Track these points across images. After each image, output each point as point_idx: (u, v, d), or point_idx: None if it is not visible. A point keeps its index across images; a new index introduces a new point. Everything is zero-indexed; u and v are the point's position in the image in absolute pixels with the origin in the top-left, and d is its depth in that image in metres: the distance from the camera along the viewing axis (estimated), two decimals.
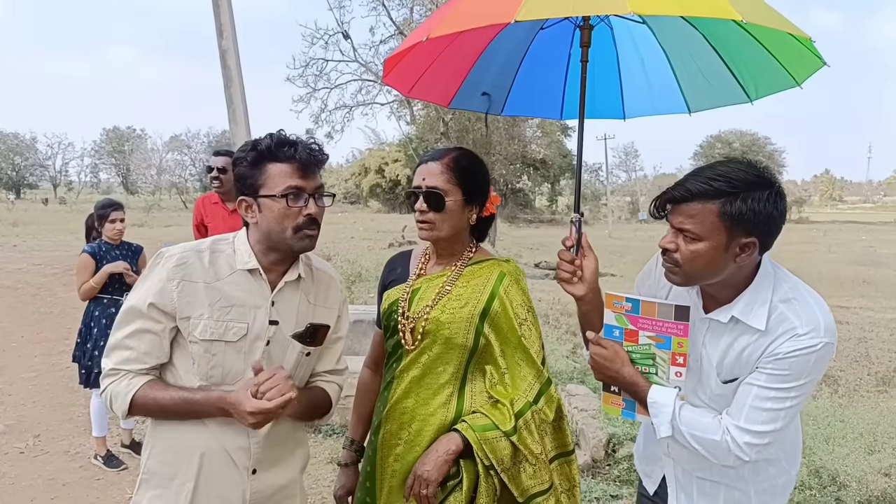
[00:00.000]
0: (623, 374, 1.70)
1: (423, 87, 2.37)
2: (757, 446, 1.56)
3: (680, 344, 1.64)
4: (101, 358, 4.15)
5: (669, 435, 1.63)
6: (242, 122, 7.70)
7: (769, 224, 1.53)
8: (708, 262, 1.55)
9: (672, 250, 1.59)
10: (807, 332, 1.52)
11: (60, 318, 8.84)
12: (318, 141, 1.68)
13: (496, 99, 2.49)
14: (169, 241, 11.01)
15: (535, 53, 2.38)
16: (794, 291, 1.60)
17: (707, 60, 2.10)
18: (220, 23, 7.45)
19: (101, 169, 69.25)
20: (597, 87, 2.39)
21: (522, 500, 1.84)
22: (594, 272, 1.85)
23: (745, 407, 1.57)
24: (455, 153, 1.93)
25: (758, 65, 2.01)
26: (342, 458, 2.13)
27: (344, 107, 24.21)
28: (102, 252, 4.35)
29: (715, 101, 2.25)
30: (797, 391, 1.55)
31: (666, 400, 1.64)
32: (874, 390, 6.38)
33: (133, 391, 1.63)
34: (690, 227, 1.54)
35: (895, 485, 3.38)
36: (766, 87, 2.10)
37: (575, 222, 1.91)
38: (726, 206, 1.50)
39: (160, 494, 1.70)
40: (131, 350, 1.65)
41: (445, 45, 2.26)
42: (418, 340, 1.89)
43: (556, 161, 38.24)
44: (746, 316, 1.59)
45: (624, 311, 1.71)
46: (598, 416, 4.69)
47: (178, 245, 1.72)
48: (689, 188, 1.54)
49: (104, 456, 4.36)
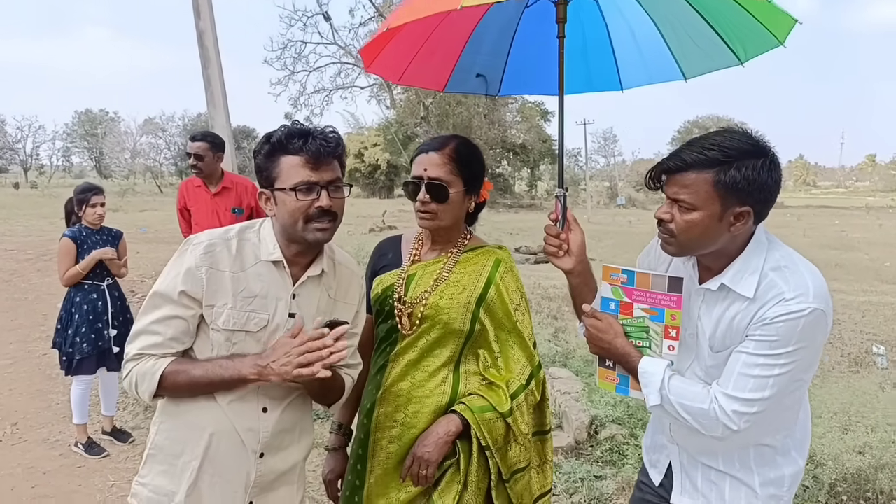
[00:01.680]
0: (616, 345, 1.71)
1: (413, 73, 2.37)
2: (745, 415, 1.55)
3: (673, 316, 1.66)
4: (82, 345, 4.19)
5: (658, 404, 1.64)
6: (221, 103, 7.58)
7: (763, 193, 1.53)
8: (702, 232, 1.56)
9: (667, 220, 1.60)
10: (794, 297, 1.51)
11: (35, 304, 8.68)
12: (335, 130, 1.66)
13: (492, 80, 2.49)
14: (145, 225, 10.88)
15: (525, 31, 2.38)
16: (787, 260, 1.60)
17: (694, 25, 2.12)
18: (198, 3, 7.32)
19: (73, 152, 67.78)
20: (591, 61, 2.40)
21: (507, 476, 1.90)
22: (581, 245, 1.87)
23: (734, 374, 1.57)
24: (455, 142, 1.95)
25: (741, 26, 2.04)
26: (330, 443, 2.14)
27: (323, 90, 24.06)
28: (83, 237, 4.28)
29: (707, 66, 2.26)
30: (786, 358, 1.52)
31: (656, 370, 1.65)
32: (847, 371, 6.54)
33: (161, 369, 1.62)
34: (685, 197, 1.55)
35: (869, 462, 3.49)
36: (753, 47, 2.11)
37: (560, 197, 1.93)
38: (720, 174, 1.51)
39: (165, 470, 1.70)
40: (158, 335, 1.64)
41: (430, 30, 2.26)
42: (416, 325, 1.92)
43: (535, 146, 38.27)
44: (736, 284, 1.60)
45: (620, 282, 1.73)
46: (580, 398, 4.75)
47: (205, 232, 1.71)
48: (684, 158, 1.55)
49: (85, 443, 4.31)
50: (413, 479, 1.86)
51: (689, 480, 1.81)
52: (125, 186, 39.72)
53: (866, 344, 7.63)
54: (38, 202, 28.28)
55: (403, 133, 29.19)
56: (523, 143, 37.84)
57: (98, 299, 4.34)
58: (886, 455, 3.55)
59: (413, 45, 2.28)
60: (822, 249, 18.55)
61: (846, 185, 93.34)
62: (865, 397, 4.59)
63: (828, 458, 3.53)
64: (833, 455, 3.55)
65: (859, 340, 7.83)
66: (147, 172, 53.95)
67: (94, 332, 4.28)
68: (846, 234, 23.90)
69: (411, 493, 1.89)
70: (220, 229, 1.73)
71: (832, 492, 3.38)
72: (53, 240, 10.64)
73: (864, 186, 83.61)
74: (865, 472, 3.44)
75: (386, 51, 2.23)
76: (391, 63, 2.33)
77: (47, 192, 34.77)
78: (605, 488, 3.56)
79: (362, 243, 13.74)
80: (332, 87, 24.16)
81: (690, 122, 58.00)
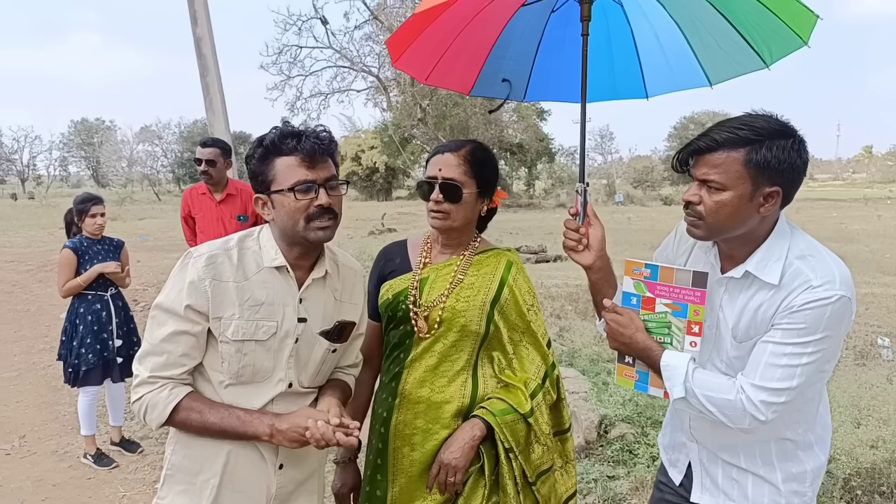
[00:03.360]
0: (637, 339, 1.69)
1: (439, 74, 2.37)
2: (773, 405, 1.53)
3: (696, 312, 1.64)
4: (87, 356, 4.17)
5: (682, 396, 1.62)
6: (220, 111, 7.56)
7: (793, 173, 1.54)
8: (732, 213, 1.56)
9: (696, 203, 1.59)
10: (821, 284, 1.51)
11: (38, 315, 8.66)
12: (326, 129, 1.65)
13: (517, 85, 2.48)
14: (144, 234, 10.85)
15: (551, 37, 2.37)
16: (811, 249, 1.60)
17: (719, 29, 2.10)
18: (194, 9, 7.30)
19: (70, 162, 67.71)
20: (616, 68, 2.39)
21: (533, 479, 1.90)
22: (601, 240, 1.87)
23: (761, 364, 1.55)
24: (471, 146, 1.97)
25: (765, 27, 2.02)
26: (340, 456, 2.10)
27: (319, 94, 23.97)
28: (84, 248, 4.26)
29: (733, 71, 2.24)
30: (814, 346, 1.52)
31: (679, 363, 1.63)
32: (853, 364, 6.52)
33: (175, 402, 1.59)
34: (715, 177, 1.54)
35: (883, 457, 3.48)
36: (778, 49, 2.09)
37: (580, 192, 1.94)
38: (752, 153, 1.51)
39: (185, 490, 1.68)
40: (168, 354, 1.60)
41: (458, 31, 2.25)
42: (434, 329, 1.91)
43: (532, 145, 38.23)
44: (761, 271, 1.59)
45: (643, 277, 1.71)
46: (589, 398, 4.74)
47: (204, 244, 1.69)
48: (715, 137, 1.55)
49: (94, 455, 4.29)
50: (440, 487, 1.85)
51: (709, 478, 1.80)
52: (123, 195, 39.61)
53: (871, 336, 7.61)
54: (37, 213, 28.24)
55: (401, 135, 29.16)
56: (520, 142, 37.78)
57: (102, 310, 4.32)
58: None
59: (440, 45, 2.28)
60: (822, 242, 18.24)
61: (843, 177, 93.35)
62: (875, 390, 4.58)
63: (842, 452, 3.52)
64: (846, 449, 3.53)
65: (864, 333, 7.81)
66: (144, 181, 53.88)
67: (99, 342, 4.26)
68: (845, 227, 23.87)
69: (438, 500, 1.88)
70: (219, 240, 1.72)
71: (846, 486, 3.37)
72: (53, 250, 10.63)
73: (862, 178, 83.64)
74: (879, 466, 3.42)
75: (413, 48, 2.23)
76: (418, 62, 2.33)
77: (45, 203, 34.70)
78: (619, 488, 3.54)
79: (363, 246, 13.72)
80: (329, 91, 24.11)
81: (686, 118, 57.98)
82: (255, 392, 1.67)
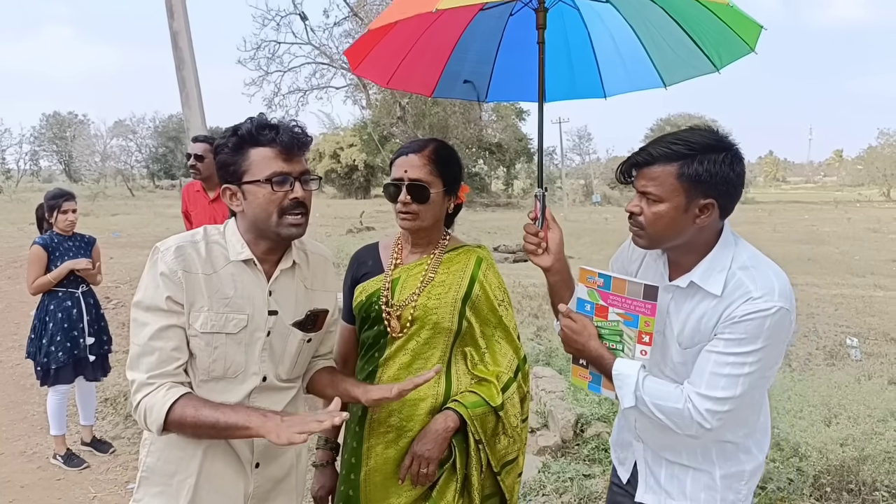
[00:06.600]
0: (589, 347, 1.74)
1: (401, 77, 2.40)
2: (718, 413, 1.59)
3: (647, 323, 1.68)
4: (57, 353, 4.07)
5: (633, 405, 1.66)
6: (196, 105, 7.47)
7: (726, 186, 1.60)
8: (669, 223, 1.62)
9: (637, 213, 1.66)
10: (761, 296, 1.56)
11: (6, 312, 8.47)
12: (300, 124, 1.64)
13: (479, 86, 2.52)
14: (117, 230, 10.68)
15: (510, 39, 2.42)
16: (753, 260, 1.65)
17: (671, 34, 2.18)
18: (171, 4, 7.20)
19: (41, 156, 66.23)
20: (575, 68, 2.45)
21: (498, 468, 1.94)
22: (559, 244, 1.93)
23: (705, 374, 1.60)
24: (434, 144, 1.99)
25: (715, 33, 2.10)
26: (318, 459, 2.12)
27: (298, 90, 23.69)
28: (55, 244, 4.17)
29: (685, 73, 2.33)
30: (755, 356, 1.57)
31: (630, 371, 1.67)
32: (823, 364, 6.66)
33: (171, 400, 1.52)
34: (652, 190, 1.62)
35: (852, 455, 3.55)
36: (728, 54, 2.18)
37: (539, 197, 1.99)
38: (684, 167, 1.59)
39: (161, 491, 1.65)
40: (159, 351, 1.56)
41: (417, 35, 2.28)
42: (406, 327, 1.93)
43: (511, 145, 38.34)
44: (705, 282, 1.65)
45: (596, 286, 1.75)
46: (565, 397, 4.76)
47: (172, 237, 1.65)
48: (651, 152, 1.63)
49: (64, 455, 4.21)
50: (413, 479, 1.87)
51: (653, 477, 1.85)
52: (96, 190, 38.82)
53: (840, 336, 7.78)
54: (6, 207, 27.58)
55: (380, 133, 29.04)
56: (499, 142, 37.89)
57: (73, 307, 4.24)
58: (869, 447, 3.61)
59: (401, 49, 2.30)
60: (793, 244, 18.88)
61: (814, 180, 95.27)
62: (845, 389, 4.66)
63: (812, 449, 3.58)
64: (817, 447, 3.60)
65: (833, 333, 7.98)
66: (118, 176, 53.00)
67: (70, 340, 4.18)
68: (816, 229, 24.37)
69: (411, 495, 1.89)
70: (186, 233, 1.69)
71: (816, 484, 3.43)
72: (23, 246, 10.39)
73: (832, 181, 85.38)
74: (848, 464, 3.49)
75: (374, 54, 2.25)
76: (379, 66, 2.35)
77: (15, 197, 33.93)
78: (595, 486, 3.57)
79: (341, 244, 13.66)
80: (308, 88, 23.83)
81: (662, 120, 58.67)
82: (229, 388, 1.64)
